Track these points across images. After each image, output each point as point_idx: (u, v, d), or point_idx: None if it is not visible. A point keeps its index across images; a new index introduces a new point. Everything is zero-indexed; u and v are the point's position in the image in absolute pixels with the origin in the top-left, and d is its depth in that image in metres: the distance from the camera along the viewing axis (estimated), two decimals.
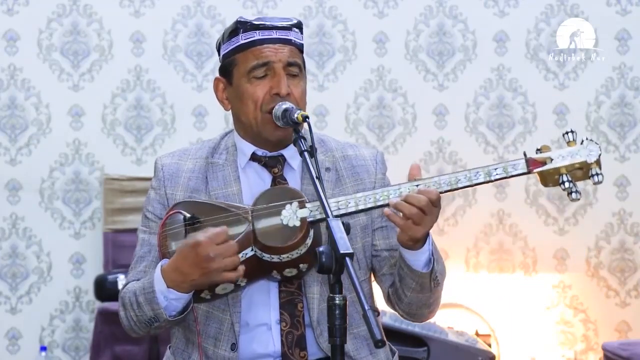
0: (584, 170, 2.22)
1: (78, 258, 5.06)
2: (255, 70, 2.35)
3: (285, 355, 2.32)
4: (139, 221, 2.49)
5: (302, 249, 2.24)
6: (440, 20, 5.17)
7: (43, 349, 4.82)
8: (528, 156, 2.25)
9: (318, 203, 2.20)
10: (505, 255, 5.15)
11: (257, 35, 2.37)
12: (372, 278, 2.50)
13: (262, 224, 2.25)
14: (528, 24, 5.17)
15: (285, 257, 2.24)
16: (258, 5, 5.11)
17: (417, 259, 2.28)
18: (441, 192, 2.25)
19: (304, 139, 2.27)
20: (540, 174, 2.24)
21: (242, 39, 2.37)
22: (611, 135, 5.18)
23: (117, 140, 5.08)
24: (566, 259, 5.15)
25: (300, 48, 2.42)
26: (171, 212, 2.30)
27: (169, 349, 2.48)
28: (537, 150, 2.27)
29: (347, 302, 2.00)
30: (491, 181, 2.25)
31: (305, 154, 2.22)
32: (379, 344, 1.89)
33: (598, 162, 2.23)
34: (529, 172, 2.24)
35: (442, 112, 5.16)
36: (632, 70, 5.19)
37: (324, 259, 1.99)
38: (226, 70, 2.41)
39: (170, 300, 2.24)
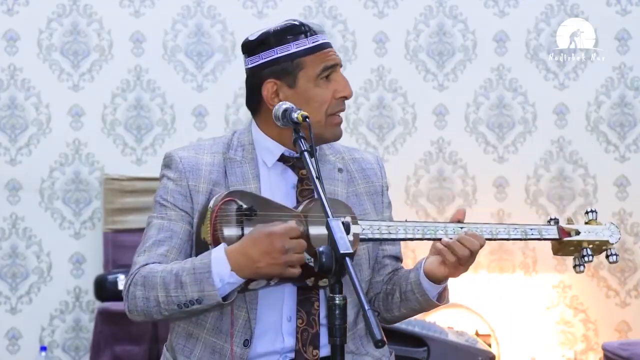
0: (596, 247, 2.47)
1: (78, 258, 5.06)
2: (324, 73, 2.40)
3: (299, 352, 2.34)
4: (152, 210, 2.41)
5: None
6: (440, 20, 5.17)
7: (43, 349, 4.82)
8: (560, 224, 2.46)
9: (369, 222, 2.30)
10: (505, 255, 5.15)
11: (320, 39, 2.43)
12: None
13: (316, 230, 2.27)
14: (528, 24, 5.17)
15: None
16: (258, 5, 5.11)
17: (435, 290, 2.40)
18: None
19: (304, 139, 2.28)
20: (561, 242, 2.45)
21: (310, 42, 2.41)
22: (611, 135, 5.18)
23: (117, 140, 5.08)
24: (566, 259, 5.12)
25: None
26: (226, 199, 2.28)
27: (165, 347, 2.47)
28: (550, 220, 2.48)
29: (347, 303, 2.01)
30: (526, 239, 2.44)
31: (305, 154, 2.23)
32: (379, 344, 1.89)
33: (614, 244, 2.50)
34: (559, 239, 2.45)
35: (442, 112, 5.17)
36: (632, 70, 5.19)
37: (324, 259, 1.99)
38: (285, 72, 2.40)
39: (225, 284, 2.21)
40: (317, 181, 2.18)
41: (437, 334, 4.22)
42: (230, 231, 2.26)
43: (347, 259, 1.98)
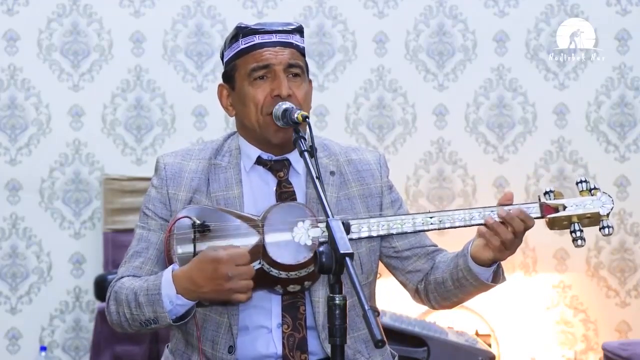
0: (592, 219, 2.31)
1: (78, 258, 5.06)
2: (255, 73, 2.38)
3: (286, 357, 2.34)
4: (138, 218, 2.48)
5: (311, 268, 2.26)
6: (440, 20, 5.17)
7: (43, 349, 4.82)
8: (542, 201, 2.33)
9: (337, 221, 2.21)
10: None
11: (257, 39, 2.39)
12: (377, 278, 2.52)
13: (273, 238, 2.26)
14: (528, 24, 5.17)
15: (293, 274, 2.26)
16: (258, 5, 5.11)
17: (487, 272, 2.37)
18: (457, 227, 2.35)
19: (304, 139, 2.28)
20: (551, 219, 2.32)
21: (242, 43, 2.40)
22: (611, 135, 5.18)
23: (117, 140, 5.08)
24: (566, 259, 5.14)
25: (301, 52, 2.44)
26: (180, 217, 2.29)
27: (167, 348, 2.48)
28: (546, 193, 2.35)
29: (347, 304, 2.00)
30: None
31: (305, 154, 2.23)
32: (379, 344, 1.89)
33: (608, 214, 2.31)
34: (542, 217, 2.33)
35: (442, 112, 5.16)
36: (632, 70, 5.19)
37: (324, 259, 1.99)
38: (229, 76, 2.44)
39: (176, 305, 2.24)
40: (317, 181, 2.17)
41: (437, 334, 4.22)
42: (183, 249, 2.27)
43: (347, 259, 1.98)
